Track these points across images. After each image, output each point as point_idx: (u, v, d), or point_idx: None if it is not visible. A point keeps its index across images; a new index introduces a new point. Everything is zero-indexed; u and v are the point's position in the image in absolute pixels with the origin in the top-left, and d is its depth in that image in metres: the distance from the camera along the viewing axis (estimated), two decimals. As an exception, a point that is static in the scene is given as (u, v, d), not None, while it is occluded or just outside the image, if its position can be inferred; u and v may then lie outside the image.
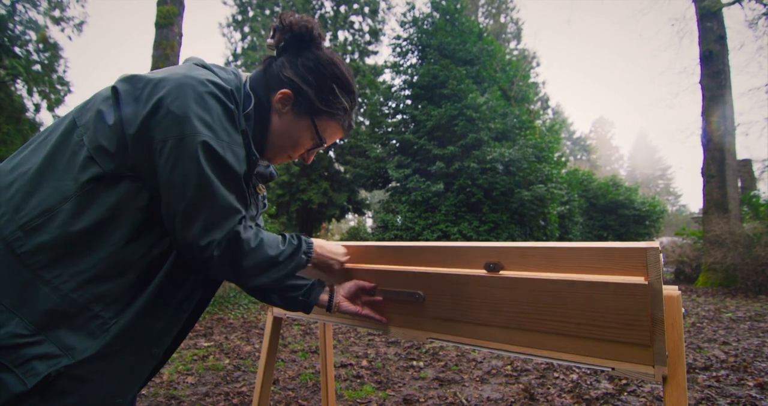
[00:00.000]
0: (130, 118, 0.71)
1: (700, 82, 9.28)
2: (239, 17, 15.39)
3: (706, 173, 8.90)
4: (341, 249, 1.11)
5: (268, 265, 0.84)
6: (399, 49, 13.33)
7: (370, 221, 26.55)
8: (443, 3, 13.04)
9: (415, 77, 12.71)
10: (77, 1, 11.33)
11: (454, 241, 2.97)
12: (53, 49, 10.80)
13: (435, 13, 13.20)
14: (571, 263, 0.81)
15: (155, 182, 0.73)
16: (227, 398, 2.56)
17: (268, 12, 14.92)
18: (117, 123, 0.72)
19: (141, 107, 0.72)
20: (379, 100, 13.73)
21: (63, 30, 11.27)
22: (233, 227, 0.76)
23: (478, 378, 2.86)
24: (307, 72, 0.89)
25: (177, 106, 0.71)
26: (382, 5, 15.71)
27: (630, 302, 0.75)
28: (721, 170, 8.64)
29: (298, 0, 14.27)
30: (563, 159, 14.19)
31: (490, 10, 28.46)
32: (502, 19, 28.27)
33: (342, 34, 15.45)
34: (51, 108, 10.85)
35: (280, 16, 0.90)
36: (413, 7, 13.34)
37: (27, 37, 10.27)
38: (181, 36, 7.96)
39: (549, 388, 2.63)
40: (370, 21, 15.65)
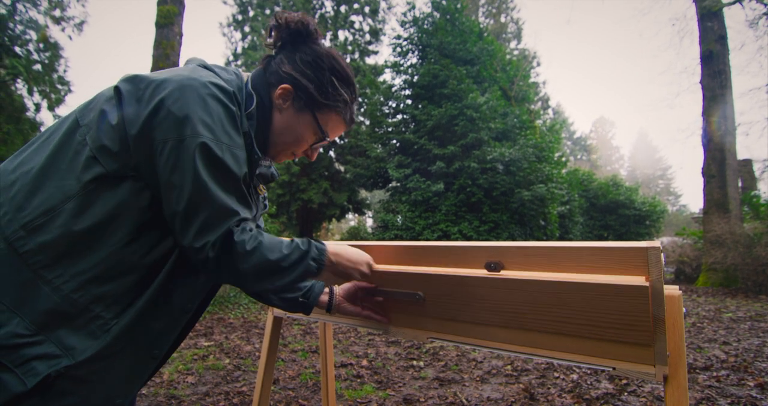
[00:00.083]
0: (132, 119, 0.72)
1: (701, 82, 9.28)
2: (239, 17, 15.40)
3: (706, 173, 8.90)
4: (363, 256, 1.00)
5: (270, 270, 0.80)
6: (399, 48, 13.32)
7: (370, 221, 26.55)
8: (443, 3, 13.03)
9: (416, 77, 12.70)
10: (77, 0, 11.34)
11: (455, 241, 2.97)
12: (53, 49, 10.81)
13: (435, 13, 13.20)
14: (572, 262, 0.81)
15: (156, 183, 0.73)
16: (227, 397, 2.56)
17: (268, 11, 14.91)
18: (119, 123, 0.72)
19: (143, 108, 0.72)
20: (380, 99, 13.72)
21: (63, 29, 11.29)
22: (228, 228, 0.74)
23: (478, 378, 2.85)
24: (305, 66, 0.90)
25: (178, 107, 0.71)
26: (383, 5, 15.71)
27: (631, 303, 0.74)
28: (722, 170, 8.64)
29: (299, 0, 14.28)
30: (563, 159, 14.18)
31: (491, 9, 28.45)
32: (503, 19, 28.27)
33: (342, 34, 15.45)
34: (51, 108, 10.86)
35: (275, 14, 0.90)
36: (413, 7, 13.34)
37: (27, 36, 10.28)
38: (181, 36, 7.96)
39: (549, 388, 2.63)
40: (370, 21, 15.65)
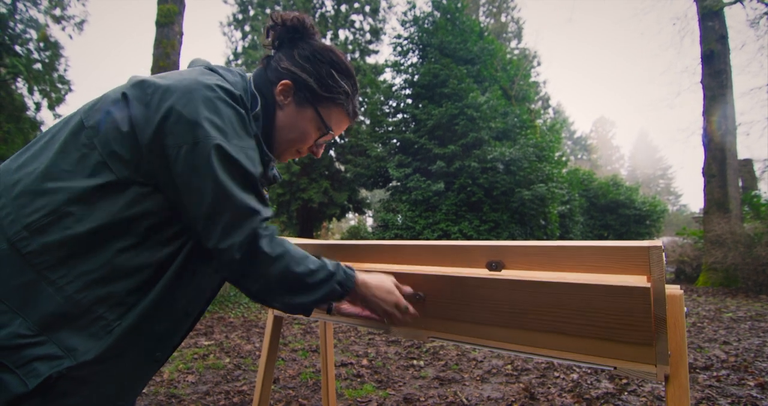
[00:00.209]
0: (141, 126, 0.72)
1: (701, 82, 9.27)
2: (240, 16, 15.40)
3: (706, 173, 8.89)
4: (392, 297, 0.92)
5: (295, 282, 0.78)
6: (400, 48, 13.33)
7: (370, 220, 26.57)
8: (444, 2, 13.03)
9: (416, 76, 12.70)
10: (78, -1, 11.35)
11: (455, 240, 2.97)
12: (54, 48, 10.82)
13: (436, 12, 13.20)
14: (573, 262, 0.81)
15: (172, 189, 0.73)
16: (228, 396, 2.56)
17: (268, 10, 14.91)
18: (130, 130, 0.72)
19: (152, 114, 0.72)
20: (380, 99, 13.73)
21: (63, 29, 11.30)
22: (254, 228, 0.74)
23: (478, 377, 2.85)
24: (304, 60, 0.90)
25: (188, 112, 0.71)
26: (383, 4, 15.70)
27: (633, 303, 0.74)
28: (722, 170, 8.63)
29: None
30: (564, 158, 14.19)
31: (491, 9, 28.45)
32: (503, 19, 28.26)
33: (343, 33, 15.45)
34: (52, 107, 10.88)
35: (271, 14, 0.91)
36: (414, 6, 13.34)
37: (28, 35, 10.29)
38: (181, 35, 7.95)
39: (549, 387, 2.63)
40: (370, 20, 15.65)
